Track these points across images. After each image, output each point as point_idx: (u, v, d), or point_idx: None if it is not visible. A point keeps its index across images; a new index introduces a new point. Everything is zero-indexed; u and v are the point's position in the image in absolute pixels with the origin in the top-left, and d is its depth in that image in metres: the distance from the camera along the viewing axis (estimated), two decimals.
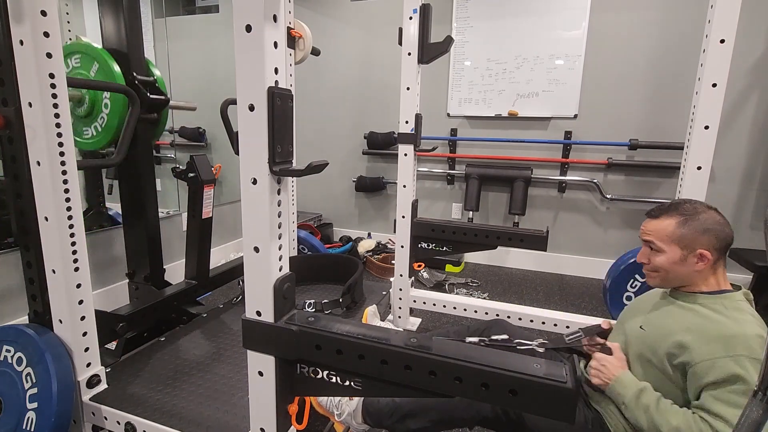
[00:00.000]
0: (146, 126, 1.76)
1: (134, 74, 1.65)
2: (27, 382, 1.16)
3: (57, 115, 1.09)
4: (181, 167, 1.83)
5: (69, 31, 2.16)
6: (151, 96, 1.68)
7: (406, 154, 1.93)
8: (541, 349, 1.16)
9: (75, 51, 1.63)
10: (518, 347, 1.18)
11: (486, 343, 1.22)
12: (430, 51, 1.84)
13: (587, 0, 2.85)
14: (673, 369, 0.99)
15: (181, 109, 1.97)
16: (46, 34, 1.05)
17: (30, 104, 1.07)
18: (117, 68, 1.61)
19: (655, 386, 1.01)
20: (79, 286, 1.19)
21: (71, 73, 1.64)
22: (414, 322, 2.27)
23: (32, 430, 1.13)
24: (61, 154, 1.11)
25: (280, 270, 0.87)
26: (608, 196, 3.01)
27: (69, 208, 1.14)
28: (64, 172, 1.12)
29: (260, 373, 0.89)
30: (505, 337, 1.23)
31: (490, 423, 1.14)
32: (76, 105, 1.64)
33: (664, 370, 1.00)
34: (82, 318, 1.22)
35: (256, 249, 0.83)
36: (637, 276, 2.08)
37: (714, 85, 1.49)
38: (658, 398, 0.98)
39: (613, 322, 1.26)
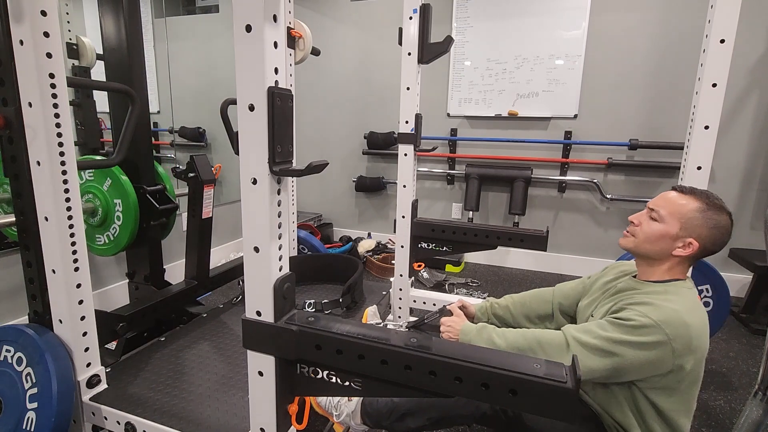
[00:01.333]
0: (157, 229, 1.85)
1: (144, 187, 1.74)
2: (27, 382, 1.16)
3: (57, 115, 1.09)
4: (181, 167, 1.83)
5: (69, 31, 2.16)
6: (161, 207, 1.76)
7: (406, 154, 1.93)
8: (404, 328, 1.29)
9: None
10: (386, 325, 1.32)
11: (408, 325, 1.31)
12: (430, 51, 1.84)
13: (587, 0, 2.85)
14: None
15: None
16: (46, 34, 1.05)
17: (30, 104, 1.07)
18: (126, 179, 1.70)
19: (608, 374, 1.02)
20: (79, 286, 1.19)
21: (85, 185, 1.73)
22: None
23: (32, 430, 1.13)
24: (61, 154, 1.11)
25: (280, 270, 0.87)
26: (608, 196, 3.01)
27: (69, 208, 1.14)
28: (64, 172, 1.12)
29: (260, 373, 0.89)
30: (416, 319, 1.32)
31: (489, 421, 1.15)
32: (90, 216, 1.74)
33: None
34: (82, 318, 1.22)
35: (256, 249, 0.83)
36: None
37: (714, 85, 1.49)
38: (494, 328, 1.11)
39: (465, 299, 1.46)
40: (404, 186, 1.95)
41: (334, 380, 0.89)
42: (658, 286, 1.06)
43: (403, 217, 1.98)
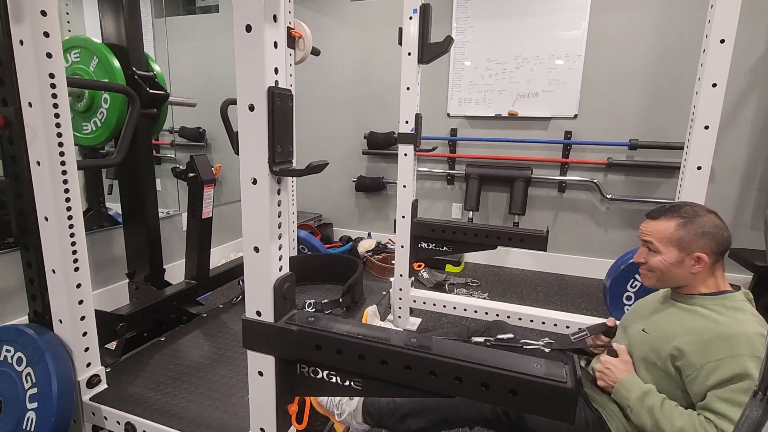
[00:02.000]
0: (146, 122, 1.75)
1: (134, 69, 1.64)
2: (27, 382, 1.16)
3: (57, 115, 1.09)
4: (181, 167, 1.83)
5: (69, 31, 2.16)
6: (151, 91, 1.68)
7: (406, 154, 1.93)
8: (547, 349, 1.17)
9: (74, 46, 1.63)
10: (524, 347, 1.18)
11: (491, 343, 1.22)
12: (430, 51, 1.84)
13: (587, 0, 2.85)
14: (676, 371, 0.99)
15: (180, 105, 1.97)
16: (46, 34, 1.05)
17: (30, 104, 1.07)
18: (116, 63, 1.61)
19: (660, 388, 1.01)
20: (79, 286, 1.19)
21: (70, 67, 1.64)
22: (414, 322, 2.27)
23: (32, 430, 1.13)
24: (61, 154, 1.11)
25: (280, 270, 0.87)
26: (608, 196, 3.01)
27: (69, 208, 1.14)
28: (64, 172, 1.12)
29: (260, 373, 0.89)
30: (510, 336, 1.23)
31: (490, 423, 1.14)
32: (76, 100, 1.64)
33: (668, 372, 1.00)
34: (82, 318, 1.22)
35: (256, 249, 0.83)
36: (637, 276, 2.08)
37: (714, 85, 1.49)
38: (662, 400, 0.98)
39: (617, 321, 1.26)
40: (404, 186, 1.95)
41: (334, 380, 0.89)
42: (715, 299, 1.02)
43: (403, 217, 1.98)
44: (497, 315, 1.96)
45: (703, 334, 0.97)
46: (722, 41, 1.45)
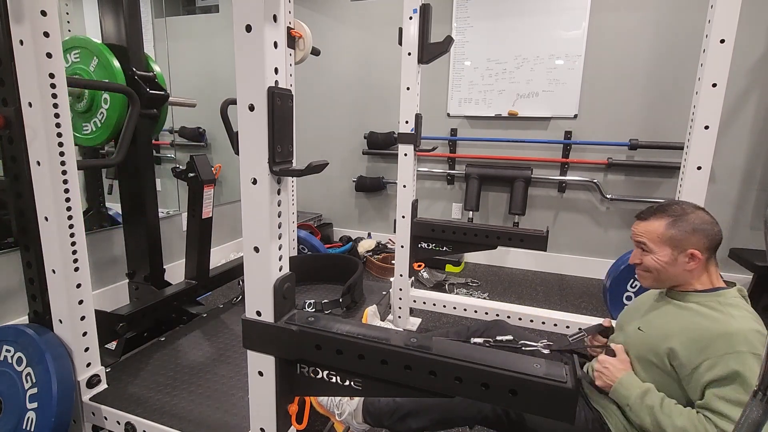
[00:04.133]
0: (146, 122, 1.75)
1: (133, 69, 1.64)
2: (27, 382, 1.16)
3: (57, 115, 1.09)
4: (181, 167, 1.83)
5: (69, 31, 2.16)
6: (151, 91, 1.68)
7: (406, 154, 1.93)
8: (546, 351, 1.17)
9: (74, 46, 1.63)
10: (523, 348, 1.19)
11: (491, 344, 1.23)
12: (430, 51, 1.84)
13: (587, 0, 2.85)
14: (673, 368, 0.99)
15: (180, 105, 1.97)
16: (46, 34, 1.05)
17: (30, 104, 1.07)
18: (116, 63, 1.61)
19: (658, 386, 1.01)
20: (79, 286, 1.19)
21: (70, 68, 1.63)
22: (414, 322, 2.27)
23: (32, 430, 1.13)
24: (61, 154, 1.11)
25: (280, 270, 0.87)
26: (608, 196, 3.01)
27: (69, 208, 1.14)
28: (64, 172, 1.12)
29: (260, 373, 0.89)
30: (510, 337, 1.23)
31: (490, 423, 1.14)
32: (76, 100, 1.64)
33: (665, 370, 1.00)
34: (82, 318, 1.22)
35: (256, 249, 0.83)
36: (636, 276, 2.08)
37: (714, 85, 1.49)
38: (662, 399, 0.98)
39: (614, 321, 1.27)
40: (404, 186, 1.95)
41: (334, 380, 0.89)
42: (709, 296, 1.03)
43: (403, 217, 1.98)
44: (497, 315, 1.96)
45: (699, 331, 0.97)
46: (722, 41, 1.45)
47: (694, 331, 0.98)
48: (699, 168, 1.57)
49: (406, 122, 1.89)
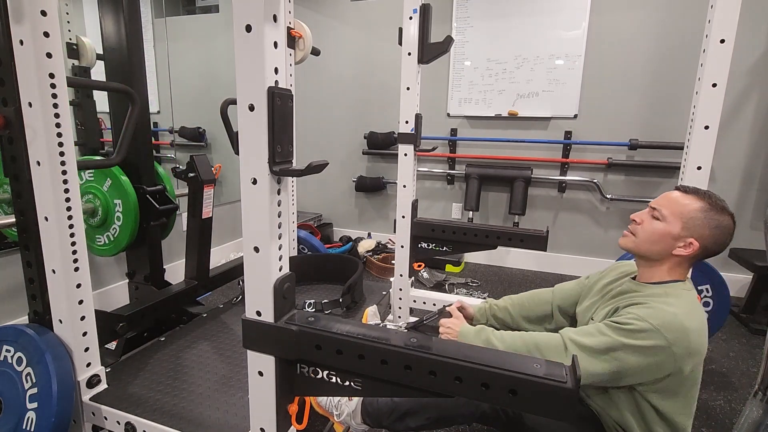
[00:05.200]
0: (156, 229, 1.85)
1: (144, 188, 1.74)
2: (27, 382, 1.16)
3: (57, 115, 1.09)
4: (181, 167, 1.83)
5: (69, 31, 2.16)
6: (160, 207, 1.77)
7: (406, 154, 1.93)
8: (404, 329, 1.28)
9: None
10: (385, 325, 1.30)
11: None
12: (430, 51, 1.84)
13: (587, 0, 2.85)
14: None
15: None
16: (46, 34, 1.05)
17: (30, 104, 1.07)
18: (125, 178, 1.71)
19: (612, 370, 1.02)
20: (79, 286, 1.19)
21: (85, 185, 1.74)
22: None
23: (32, 430, 1.13)
24: (61, 154, 1.11)
25: (280, 270, 0.87)
26: (608, 196, 3.01)
27: (69, 208, 1.14)
28: (64, 172, 1.12)
29: (260, 373, 0.89)
30: (416, 319, 1.32)
31: (488, 420, 1.15)
32: (90, 216, 1.74)
33: None
34: (82, 318, 1.22)
35: (256, 249, 0.83)
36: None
37: (714, 85, 1.48)
38: (492, 330, 1.11)
39: (465, 300, 1.49)
40: (404, 186, 1.95)
41: (334, 380, 0.89)
42: (657, 288, 1.06)
43: (403, 217, 1.98)
44: None
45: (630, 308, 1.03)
46: (722, 41, 1.45)
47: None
48: (699, 168, 1.57)
49: (406, 122, 1.89)
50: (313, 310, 1.74)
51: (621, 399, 1.03)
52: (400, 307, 2.09)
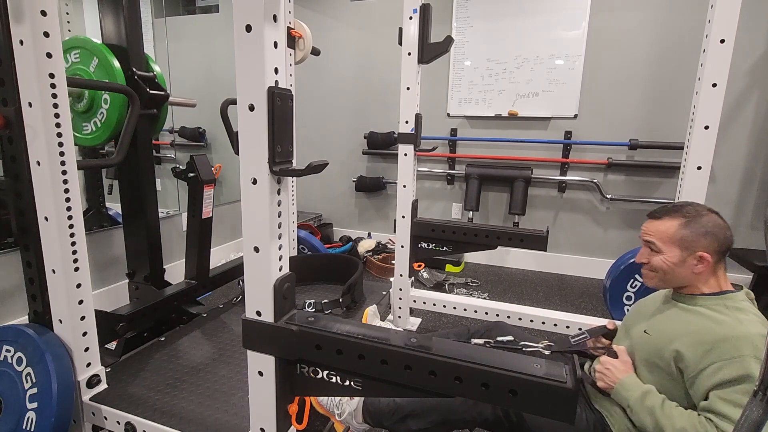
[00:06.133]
0: (146, 122, 1.75)
1: (133, 70, 1.64)
2: (27, 382, 1.16)
3: (57, 115, 1.09)
4: (181, 167, 1.83)
5: (69, 31, 2.16)
6: (151, 91, 1.68)
7: (406, 154, 1.93)
8: (546, 352, 1.17)
9: (74, 46, 1.63)
10: (524, 349, 1.19)
11: (491, 345, 1.22)
12: (430, 51, 1.84)
13: (587, 0, 2.85)
14: (678, 372, 0.99)
15: (180, 105, 1.97)
16: (46, 34, 1.05)
17: (30, 104, 1.07)
18: (116, 63, 1.61)
19: (662, 389, 1.01)
20: (79, 286, 1.19)
21: (70, 68, 1.64)
22: (414, 322, 2.27)
23: (32, 430, 1.13)
24: (61, 154, 1.11)
25: (280, 270, 0.87)
26: (608, 196, 3.01)
27: (69, 208, 1.14)
28: (64, 172, 1.12)
29: (260, 373, 0.89)
30: (510, 338, 1.23)
31: (490, 425, 1.14)
32: (76, 100, 1.64)
33: (670, 374, 1.00)
34: (82, 318, 1.22)
35: (256, 249, 0.83)
36: (637, 276, 2.08)
37: (714, 85, 1.49)
38: (663, 400, 0.98)
39: (618, 322, 1.26)
40: (404, 186, 1.95)
41: (334, 380, 0.89)
42: (716, 299, 1.02)
43: (403, 217, 1.98)
44: (497, 315, 1.96)
45: (705, 335, 0.96)
46: (722, 41, 1.45)
47: (700, 334, 0.97)
48: (699, 168, 1.57)
49: (406, 122, 1.89)
50: (313, 310, 1.74)
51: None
52: (400, 307, 2.09)
